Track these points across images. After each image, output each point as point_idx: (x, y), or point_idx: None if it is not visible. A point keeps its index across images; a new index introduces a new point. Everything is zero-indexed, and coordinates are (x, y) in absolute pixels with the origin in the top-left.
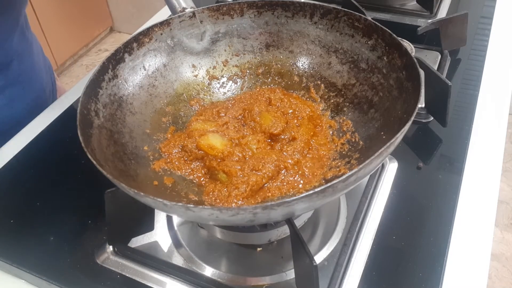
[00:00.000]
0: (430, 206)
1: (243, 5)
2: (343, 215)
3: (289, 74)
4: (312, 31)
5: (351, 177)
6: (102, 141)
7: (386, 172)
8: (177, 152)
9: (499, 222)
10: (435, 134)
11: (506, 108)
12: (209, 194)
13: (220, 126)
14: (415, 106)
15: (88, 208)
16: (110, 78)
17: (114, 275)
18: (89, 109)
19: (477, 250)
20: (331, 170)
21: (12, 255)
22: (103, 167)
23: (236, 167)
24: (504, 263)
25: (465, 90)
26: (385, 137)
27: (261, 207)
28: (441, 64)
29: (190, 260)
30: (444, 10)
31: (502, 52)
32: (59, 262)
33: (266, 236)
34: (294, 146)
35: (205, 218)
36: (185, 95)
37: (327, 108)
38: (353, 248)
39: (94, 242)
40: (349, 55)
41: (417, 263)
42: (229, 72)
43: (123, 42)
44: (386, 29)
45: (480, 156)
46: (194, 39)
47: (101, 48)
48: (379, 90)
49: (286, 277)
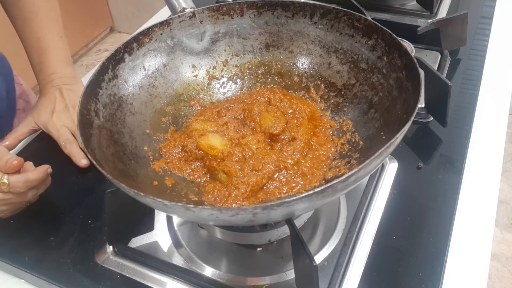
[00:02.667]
0: (430, 206)
1: (243, 5)
2: (343, 215)
3: (289, 74)
4: (312, 31)
5: (351, 177)
6: (102, 141)
7: (386, 172)
8: (177, 152)
9: (499, 222)
10: (435, 134)
11: (506, 108)
12: (209, 194)
13: (220, 126)
14: (415, 106)
15: (88, 208)
16: (110, 78)
17: (114, 275)
18: (89, 109)
19: (477, 250)
20: (331, 170)
21: (12, 255)
22: (103, 167)
23: (236, 167)
24: (504, 263)
25: (465, 90)
26: (385, 137)
27: (261, 207)
28: (441, 64)
29: (190, 260)
30: (444, 10)
31: (502, 52)
32: (59, 262)
33: (266, 236)
34: (294, 146)
35: (205, 218)
36: (185, 95)
37: (327, 108)
38: (353, 248)
39: (94, 242)
40: (349, 55)
41: (417, 263)
42: (229, 72)
43: (123, 42)
44: (386, 29)
45: (480, 156)
46: (194, 39)
47: (101, 48)
48: (379, 90)
49: (286, 277)
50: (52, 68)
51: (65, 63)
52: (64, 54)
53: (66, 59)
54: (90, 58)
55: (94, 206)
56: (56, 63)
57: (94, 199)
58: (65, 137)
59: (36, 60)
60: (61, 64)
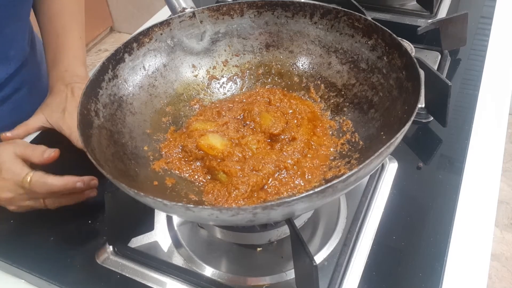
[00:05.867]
0: (430, 206)
1: (243, 5)
2: (343, 215)
3: (289, 74)
4: (312, 31)
5: (351, 177)
6: (102, 141)
7: (386, 172)
8: (177, 152)
9: (499, 222)
10: (435, 134)
11: (506, 108)
12: (209, 194)
13: (220, 126)
14: (415, 106)
15: (88, 208)
16: (110, 78)
17: (114, 275)
18: (89, 109)
19: (477, 250)
20: (331, 170)
21: (12, 255)
22: (103, 167)
23: (236, 167)
24: (504, 263)
25: (465, 90)
26: (385, 137)
27: (261, 207)
28: (441, 64)
29: (190, 260)
30: (444, 10)
31: (502, 52)
32: (59, 262)
33: (266, 236)
34: (294, 146)
35: (205, 218)
36: (185, 95)
37: (327, 108)
38: (353, 248)
39: (94, 242)
40: (349, 55)
41: (417, 263)
42: (229, 72)
43: (123, 42)
44: (386, 29)
45: (480, 156)
46: (194, 39)
47: (101, 48)
48: (379, 90)
49: (286, 277)
50: (66, 65)
51: (79, 62)
52: (81, 54)
53: (81, 60)
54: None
55: (94, 206)
56: (71, 61)
57: (94, 199)
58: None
59: (51, 57)
60: (75, 63)
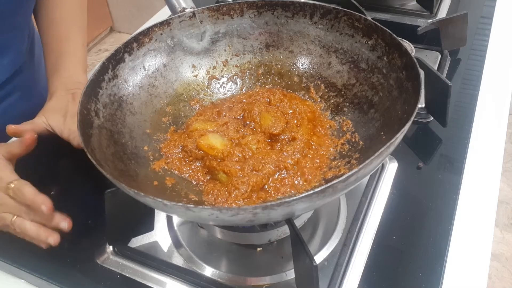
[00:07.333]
0: (430, 206)
1: (243, 5)
2: (343, 215)
3: (289, 74)
4: (312, 31)
5: (351, 177)
6: (102, 141)
7: (386, 172)
8: (177, 152)
9: (499, 222)
10: (435, 134)
11: (506, 108)
12: (209, 194)
13: (220, 126)
14: (415, 106)
15: (88, 208)
16: (110, 78)
17: (114, 275)
18: (89, 109)
19: (477, 250)
20: (331, 170)
21: (12, 255)
22: (103, 167)
23: (236, 167)
24: (504, 263)
25: (465, 90)
26: (385, 137)
27: (261, 207)
28: (441, 64)
29: (190, 260)
30: (444, 10)
31: (502, 52)
32: (59, 262)
33: (266, 236)
34: (294, 146)
35: (205, 218)
36: (185, 95)
37: (327, 108)
38: (353, 248)
39: (94, 242)
40: (349, 55)
41: (417, 263)
42: (229, 72)
43: (123, 42)
44: (386, 29)
45: (480, 156)
46: (194, 39)
47: (101, 48)
48: (379, 90)
49: (286, 277)
50: (67, 71)
51: (81, 70)
52: (83, 62)
53: (83, 67)
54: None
55: (94, 206)
56: (73, 68)
57: (94, 199)
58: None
59: (52, 62)
60: (77, 70)
